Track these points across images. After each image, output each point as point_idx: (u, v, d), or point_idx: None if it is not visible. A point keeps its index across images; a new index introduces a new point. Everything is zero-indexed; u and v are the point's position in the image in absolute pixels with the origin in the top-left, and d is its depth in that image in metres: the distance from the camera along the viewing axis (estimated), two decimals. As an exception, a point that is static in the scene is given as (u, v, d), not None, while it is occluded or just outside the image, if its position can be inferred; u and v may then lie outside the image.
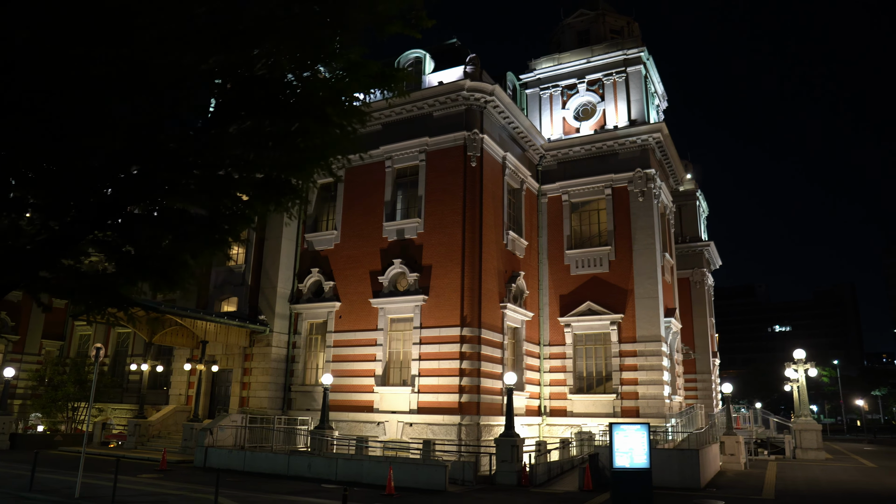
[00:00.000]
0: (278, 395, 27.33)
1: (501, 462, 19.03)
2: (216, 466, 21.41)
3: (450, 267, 25.17)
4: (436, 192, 26.37)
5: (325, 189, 29.76)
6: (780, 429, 34.00)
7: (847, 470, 23.91)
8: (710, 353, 44.96)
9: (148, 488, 16.91)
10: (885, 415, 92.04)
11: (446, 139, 26.63)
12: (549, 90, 32.87)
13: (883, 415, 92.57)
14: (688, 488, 17.94)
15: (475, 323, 24.40)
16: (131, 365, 32.47)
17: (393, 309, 26.04)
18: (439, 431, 23.54)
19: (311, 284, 28.26)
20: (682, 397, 32.64)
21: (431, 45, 30.19)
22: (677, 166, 33.99)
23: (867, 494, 17.45)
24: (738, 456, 23.53)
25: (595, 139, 30.47)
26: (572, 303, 29.47)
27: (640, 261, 28.60)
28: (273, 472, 20.28)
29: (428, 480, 17.53)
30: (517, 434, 19.43)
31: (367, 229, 27.60)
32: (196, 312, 25.37)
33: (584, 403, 28.16)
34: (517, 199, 29.74)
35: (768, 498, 16.70)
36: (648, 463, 14.84)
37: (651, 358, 27.43)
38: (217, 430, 22.42)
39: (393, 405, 24.96)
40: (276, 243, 28.40)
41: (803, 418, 29.59)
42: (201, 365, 25.89)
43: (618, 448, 14.86)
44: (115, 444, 28.45)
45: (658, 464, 18.73)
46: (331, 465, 19.33)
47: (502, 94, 27.00)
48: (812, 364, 30.24)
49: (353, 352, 26.54)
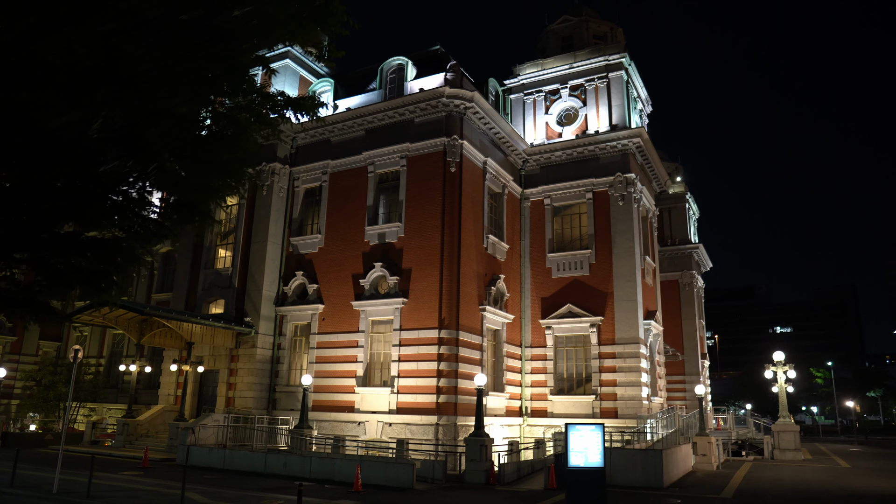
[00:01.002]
0: (263, 395, 27.95)
1: (470, 461, 19.56)
2: (197, 464, 22.06)
3: (428, 270, 25.72)
4: (416, 196, 26.94)
5: (311, 193, 30.41)
6: (763, 430, 34.37)
7: (818, 470, 24.29)
8: (698, 354, 45.29)
9: (125, 485, 17.53)
10: (885, 416, 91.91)
11: (426, 145, 27.20)
12: (532, 95, 33.37)
13: (883, 416, 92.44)
14: (651, 487, 18.39)
15: (453, 325, 24.93)
16: (120, 366, 33.14)
17: (374, 311, 26.62)
18: (417, 431, 24.10)
19: (296, 287, 28.87)
20: (664, 398, 33.03)
21: (414, 52, 30.79)
22: (659, 170, 34.40)
23: (822, 493, 17.86)
24: (710, 456, 23.94)
25: (576, 144, 30.95)
26: (553, 305, 29.95)
27: (620, 264, 29.05)
28: (251, 469, 20.89)
29: (396, 478, 18.09)
30: (486, 434, 19.95)
31: (350, 233, 28.20)
32: (181, 314, 26.02)
33: (565, 404, 28.63)
34: (499, 203, 30.26)
35: (726, 497, 17.14)
36: (603, 462, 15.26)
37: (630, 360, 27.87)
38: (199, 429, 23.06)
39: (373, 405, 25.53)
40: (262, 247, 29.02)
41: (782, 419, 29.96)
42: (187, 366, 26.53)
43: (573, 448, 15.29)
44: (109, 443, 29.15)
45: (623, 464, 19.29)
46: (305, 463, 19.92)
47: (482, 100, 27.53)
48: (791, 366, 30.58)
49: (336, 353, 27.14)
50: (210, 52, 7.05)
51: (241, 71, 7.59)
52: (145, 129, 7.05)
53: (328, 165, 29.68)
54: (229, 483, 18.37)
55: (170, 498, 15.43)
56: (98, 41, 6.23)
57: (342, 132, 29.51)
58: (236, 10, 7.17)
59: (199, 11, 6.79)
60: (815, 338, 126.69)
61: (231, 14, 7.15)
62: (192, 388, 28.59)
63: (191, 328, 26.06)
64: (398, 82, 29.30)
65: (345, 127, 29.32)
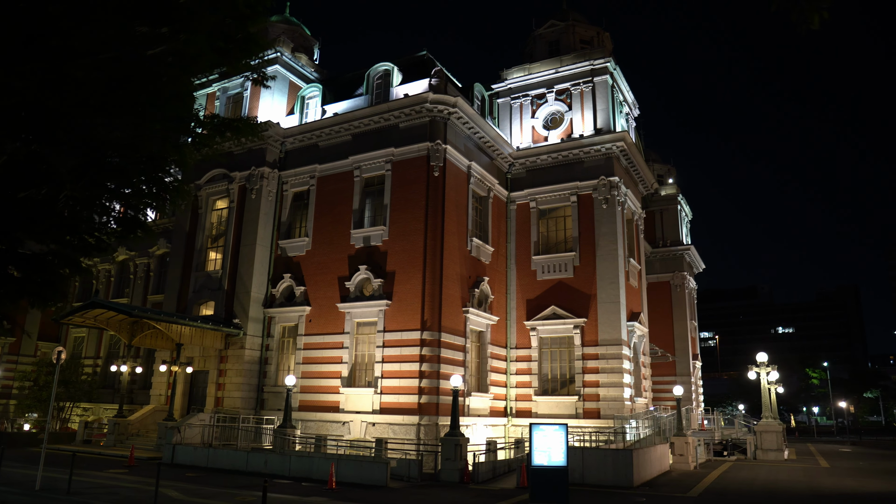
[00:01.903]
0: (251, 395, 28.50)
1: (445, 460, 20.02)
2: (183, 462, 22.65)
3: (412, 273, 26.20)
4: (400, 200, 27.42)
5: (299, 197, 30.95)
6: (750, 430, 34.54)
7: (795, 470, 24.59)
8: (689, 355, 45.59)
9: (107, 482, 18.10)
10: (886, 416, 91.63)
11: (410, 150, 27.67)
12: (519, 99, 33.78)
13: (884, 416, 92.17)
14: (620, 487, 18.79)
15: (435, 327, 25.39)
16: (111, 366, 33.79)
17: (359, 313, 27.12)
18: (400, 431, 24.57)
19: (284, 289, 29.41)
20: (649, 399, 33.38)
21: (401, 58, 31.26)
22: (645, 173, 34.72)
23: (787, 492, 18.21)
24: (688, 456, 24.29)
25: (561, 147, 31.34)
26: (538, 307, 30.36)
27: (603, 266, 29.43)
28: (233, 468, 21.42)
29: (370, 476, 18.58)
30: (462, 434, 20.41)
31: (336, 236, 28.71)
32: (170, 316, 26.60)
33: (548, 405, 29.03)
34: (484, 207, 30.70)
35: (691, 496, 17.51)
36: (566, 461, 15.73)
37: (612, 361, 28.25)
38: (185, 428, 23.62)
39: (357, 405, 26.03)
40: (251, 250, 29.58)
41: (765, 420, 30.22)
42: (175, 366, 27.11)
43: (537, 447, 15.77)
44: (103, 442, 29.76)
45: (595, 464, 19.70)
46: (285, 461, 20.44)
47: (465, 105, 27.97)
48: (775, 367, 30.82)
49: (322, 354, 27.65)
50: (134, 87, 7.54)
51: (166, 100, 8.06)
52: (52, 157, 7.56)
53: (316, 169, 30.20)
54: (210, 481, 18.90)
55: (147, 494, 15.93)
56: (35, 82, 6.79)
57: (330, 137, 30.03)
58: (149, 49, 7.64)
59: (111, 53, 7.25)
60: (817, 338, 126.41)
61: (145, 53, 7.62)
62: (181, 388, 29.18)
63: (179, 329, 26.63)
64: (384, 88, 29.80)
65: (332, 132, 29.83)
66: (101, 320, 27.19)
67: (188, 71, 8.04)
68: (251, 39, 8.31)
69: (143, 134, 8.24)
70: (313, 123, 30.20)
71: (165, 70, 7.73)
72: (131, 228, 9.07)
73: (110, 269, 41.82)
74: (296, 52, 33.91)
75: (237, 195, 30.91)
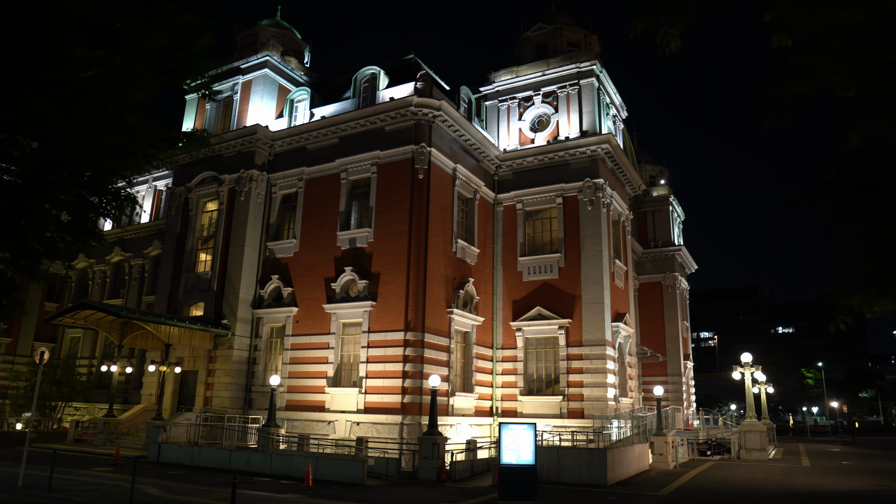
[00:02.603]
0: (239, 395, 28.90)
1: (423, 459, 20.36)
2: (168, 461, 23.08)
3: (396, 274, 26.55)
4: (385, 203, 27.78)
5: (287, 199, 31.34)
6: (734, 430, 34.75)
7: (773, 470, 24.84)
8: (681, 355, 45.81)
9: (90, 479, 18.50)
10: (885, 416, 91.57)
11: (396, 152, 28.02)
12: (507, 102, 34.09)
13: (883, 416, 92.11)
14: (594, 485, 19.09)
15: (419, 327, 25.72)
16: (102, 367, 34.25)
17: (344, 314, 27.49)
18: (383, 430, 24.92)
19: (272, 291, 29.80)
20: (635, 399, 33.62)
21: (388, 61, 31.62)
22: (632, 175, 34.97)
23: (757, 491, 18.49)
24: (667, 456, 24.56)
25: (547, 150, 31.63)
26: (524, 308, 30.66)
27: (588, 267, 29.71)
28: (216, 466, 21.81)
29: (348, 474, 18.94)
30: (440, 433, 20.74)
31: (323, 238, 29.08)
32: (158, 317, 27.03)
33: (534, 404, 29.34)
34: (470, 209, 31.02)
35: (661, 495, 17.80)
36: (534, 460, 16.04)
37: (596, 361, 28.53)
38: (171, 427, 24.04)
39: (342, 405, 26.40)
40: (240, 251, 29.98)
41: (748, 420, 30.47)
42: (163, 366, 27.53)
43: (505, 446, 16.08)
44: (95, 440, 30.19)
45: (570, 463, 20.01)
46: (266, 460, 20.82)
47: (450, 109, 28.30)
48: (759, 367, 31.06)
49: (309, 354, 28.03)
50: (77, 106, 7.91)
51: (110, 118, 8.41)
52: None
53: (304, 172, 30.58)
54: (191, 479, 19.29)
55: (126, 491, 16.32)
56: None
57: (317, 140, 30.41)
58: (83, 72, 8.00)
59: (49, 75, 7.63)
60: (817, 338, 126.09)
61: (79, 76, 7.98)
62: (171, 388, 29.62)
63: (168, 330, 27.04)
64: (371, 91, 30.16)
65: (320, 135, 30.21)
66: (91, 321, 27.63)
67: (127, 91, 8.37)
68: (194, 59, 8.66)
69: (86, 149, 8.60)
70: (301, 126, 30.58)
71: (103, 91, 8.07)
72: (81, 237, 9.45)
73: (106, 269, 42.32)
74: (285, 55, 34.30)
75: (227, 197, 31.32)
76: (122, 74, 7.88)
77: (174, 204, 33.31)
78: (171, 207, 33.64)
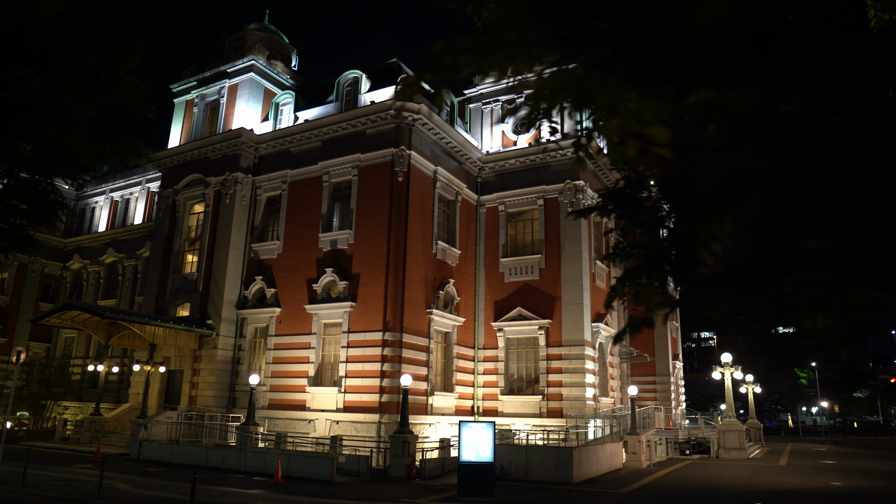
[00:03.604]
0: (224, 394, 29.41)
1: (394, 456, 20.78)
2: (148, 458, 23.60)
3: (375, 276, 26.99)
4: (366, 205, 28.22)
5: (272, 202, 31.83)
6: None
7: (746, 468, 25.11)
8: (669, 355, 45.93)
9: (67, 476, 19.03)
10: (884, 416, 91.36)
11: (376, 155, 28.45)
12: (490, 104, 34.44)
13: (882, 416, 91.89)
14: (560, 483, 19.45)
15: (397, 328, 26.15)
16: (89, 366, 34.84)
17: (325, 314, 27.95)
18: (362, 429, 25.38)
19: (256, 291, 30.30)
20: (616, 398, 33.91)
21: (371, 65, 32.04)
22: (614, 176, 35.20)
23: (719, 489, 18.81)
24: (640, 455, 24.87)
25: (529, 152, 31.97)
26: (505, 308, 31.03)
27: (568, 268, 30.05)
28: (194, 463, 22.29)
29: (318, 471, 19.39)
30: (410, 431, 21.15)
31: (305, 240, 29.56)
32: (142, 317, 27.56)
33: (514, 404, 29.72)
34: (451, 210, 31.40)
35: (623, 493, 18.15)
36: (492, 457, 16.44)
37: (575, 361, 28.87)
38: (151, 425, 24.55)
39: (323, 404, 26.86)
40: (225, 253, 30.49)
41: (728, 419, 30.73)
42: (148, 366, 28.06)
43: (465, 443, 16.48)
44: (81, 439, 30.77)
45: (538, 461, 20.39)
46: (241, 457, 21.30)
47: (430, 112, 28.68)
48: (739, 367, 31.31)
49: (291, 354, 28.51)
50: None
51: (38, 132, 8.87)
52: None
53: (288, 175, 31.06)
54: (167, 475, 19.78)
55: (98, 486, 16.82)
56: None
57: (301, 143, 30.87)
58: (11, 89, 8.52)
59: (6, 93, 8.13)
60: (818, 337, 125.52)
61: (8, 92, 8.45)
62: (157, 387, 30.17)
63: (153, 330, 27.57)
64: (353, 95, 30.60)
65: (303, 138, 30.67)
66: (77, 321, 28.19)
67: (53, 109, 8.79)
68: (120, 79, 9.09)
69: (15, 161, 9.05)
70: (285, 130, 31.07)
71: (23, 109, 8.51)
72: (17, 244, 9.92)
73: (100, 270, 42.98)
74: (272, 59, 34.79)
75: (213, 199, 31.85)
76: (42, 94, 8.31)
77: (162, 206, 33.88)
78: (159, 209, 34.22)
